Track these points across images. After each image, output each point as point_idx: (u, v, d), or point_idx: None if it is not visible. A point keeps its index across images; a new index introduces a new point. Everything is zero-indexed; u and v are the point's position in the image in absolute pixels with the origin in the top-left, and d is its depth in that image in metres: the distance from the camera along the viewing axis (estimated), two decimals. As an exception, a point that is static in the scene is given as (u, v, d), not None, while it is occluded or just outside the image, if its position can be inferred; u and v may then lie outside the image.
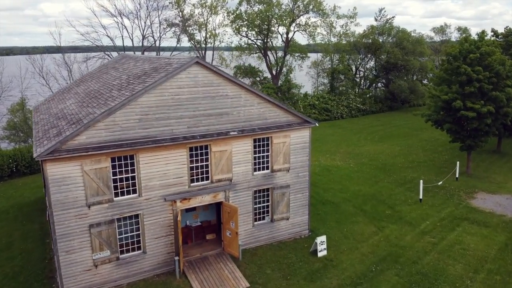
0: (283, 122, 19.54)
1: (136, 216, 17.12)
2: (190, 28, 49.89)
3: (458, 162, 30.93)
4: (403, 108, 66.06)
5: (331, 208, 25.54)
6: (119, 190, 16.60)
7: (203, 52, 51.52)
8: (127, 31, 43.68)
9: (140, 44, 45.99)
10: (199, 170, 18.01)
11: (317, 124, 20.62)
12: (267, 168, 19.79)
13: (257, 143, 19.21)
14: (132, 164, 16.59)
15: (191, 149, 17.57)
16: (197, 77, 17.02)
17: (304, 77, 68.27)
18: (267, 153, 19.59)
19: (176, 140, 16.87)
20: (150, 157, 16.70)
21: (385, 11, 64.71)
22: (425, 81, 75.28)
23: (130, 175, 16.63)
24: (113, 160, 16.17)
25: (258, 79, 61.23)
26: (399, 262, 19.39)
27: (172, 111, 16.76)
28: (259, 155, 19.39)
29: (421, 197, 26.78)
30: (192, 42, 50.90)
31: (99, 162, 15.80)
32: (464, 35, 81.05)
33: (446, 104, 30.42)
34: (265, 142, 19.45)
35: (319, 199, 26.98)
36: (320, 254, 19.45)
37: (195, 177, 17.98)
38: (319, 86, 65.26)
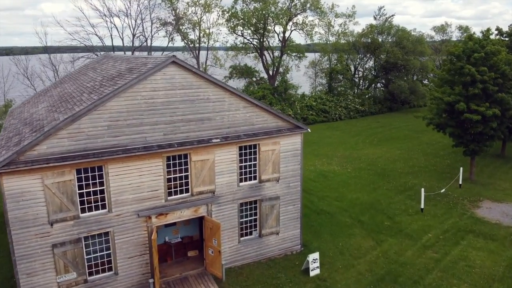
0: (272, 128, 17.74)
1: (106, 234, 15.32)
2: (184, 27, 48.09)
3: (461, 168, 29.13)
4: (403, 109, 64.25)
5: (326, 219, 23.73)
6: (86, 206, 14.80)
7: (197, 52, 49.72)
8: (117, 30, 42.17)
9: (131, 44, 44.21)
10: (178, 182, 16.20)
11: (308, 130, 18.83)
12: (255, 178, 17.99)
13: (243, 151, 17.41)
14: (101, 177, 14.79)
15: (168, 159, 15.76)
16: (174, 79, 15.22)
17: (302, 77, 66.49)
18: (255, 162, 17.79)
19: (150, 149, 15.06)
20: (120, 168, 14.90)
21: (384, 10, 62.92)
22: (425, 81, 73.61)
23: (98, 188, 14.83)
24: (78, 172, 14.37)
25: (254, 79, 59.42)
26: (398, 282, 17.59)
27: (146, 117, 14.96)
28: (245, 164, 17.59)
29: (422, 206, 24.98)
30: (186, 42, 49.10)
31: (63, 174, 14.00)
32: (465, 34, 79.30)
33: (448, 106, 28.63)
34: (252, 150, 17.65)
35: (314, 208, 25.18)
36: (312, 273, 17.65)
37: (173, 189, 16.17)
38: (316, 87, 63.45)
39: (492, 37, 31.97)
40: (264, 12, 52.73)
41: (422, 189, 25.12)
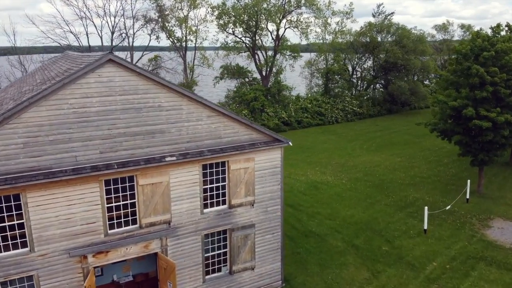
0: (244, 142, 14.41)
1: (29, 278, 12.02)
2: (169, 24, 44.81)
3: (468, 181, 25.73)
4: (403, 111, 60.87)
5: (315, 243, 20.40)
6: (0, 244, 11.53)
7: (184, 51, 46.41)
8: (95, 27, 38.75)
9: (112, 43, 40.93)
10: (121, 212, 12.89)
11: (290, 143, 15.49)
12: (224, 203, 14.66)
13: (208, 170, 14.08)
14: (18, 207, 11.49)
15: (107, 183, 12.43)
16: (113, 81, 11.90)
17: (298, 78, 63.15)
18: (223, 183, 14.46)
19: (81, 171, 11.74)
20: (43, 197, 11.59)
21: (383, 7, 59.35)
22: (426, 82, 70.25)
23: (15, 222, 11.54)
24: (-15, 202, 11.08)
25: (246, 80, 56.07)
26: (399, 330, 14.29)
27: (76, 131, 11.64)
28: (211, 186, 14.26)
29: (425, 227, 21.60)
30: (171, 40, 45.78)
31: (-37, 206, 10.71)
32: (468, 32, 75.92)
33: (454, 111, 25.29)
34: (220, 169, 14.32)
35: (302, 229, 21.84)
36: (293, 320, 14.37)
37: (115, 221, 12.85)
38: (312, 88, 60.09)
39: (502, 33, 28.60)
40: (256, 8, 49.41)
41: (426, 208, 21.74)
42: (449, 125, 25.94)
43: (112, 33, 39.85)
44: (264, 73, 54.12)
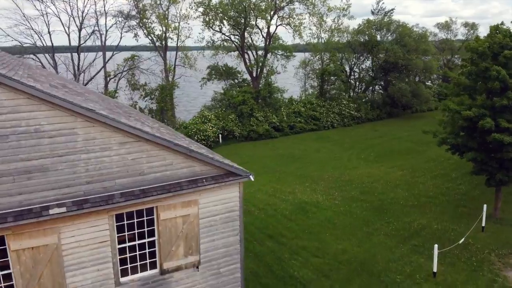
0: (183, 178, 9.86)
1: None
2: (148, 21, 40.25)
3: (485, 206, 21.17)
4: (404, 114, 56.23)
5: (294, 295, 15.85)
6: None
7: (163, 51, 41.83)
8: (62, 24, 33.95)
9: (79, 41, 36.28)
10: (-22, 295, 8.37)
11: (251, 178, 10.91)
12: (153, 267, 10.11)
13: (125, 222, 9.53)
14: None
15: None
16: None
17: (291, 79, 58.51)
18: (151, 239, 9.91)
19: None
20: None
21: (383, 3, 54.58)
22: (428, 83, 65.62)
23: None
24: None
25: (236, 81, 51.50)
26: None
27: None
28: (131, 244, 9.71)
29: (435, 269, 17.07)
30: (151, 38, 41.19)
31: None
32: (472, 31, 71.29)
33: (469, 122, 20.71)
34: (145, 219, 9.76)
35: (281, 273, 17.24)
36: None
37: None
38: (306, 90, 55.43)
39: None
40: (244, 4, 44.80)
41: (436, 247, 17.15)
42: (462, 139, 21.35)
43: (80, 30, 35.25)
44: (254, 74, 49.50)
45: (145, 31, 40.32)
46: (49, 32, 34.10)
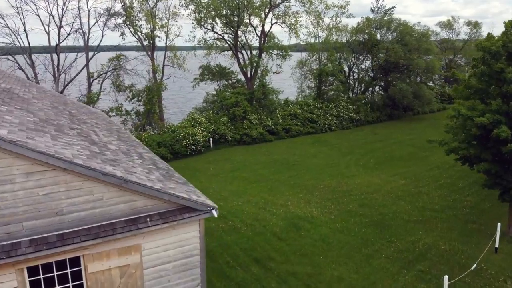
0: (119, 216, 7.37)
1: None
2: (135, 18, 37.71)
3: (499, 225, 18.67)
4: (405, 116, 53.70)
5: (280, 338, 13.34)
6: None
7: (151, 50, 39.29)
8: (41, 21, 31.32)
9: (58, 40, 33.73)
10: None
11: (215, 214, 8.40)
12: (81, 333, 7.62)
13: (41, 277, 7.03)
14: None
15: None
16: None
17: (287, 80, 56.00)
18: (79, 296, 7.43)
19: None
20: None
21: (383, 1, 51.86)
22: (430, 83, 63.09)
23: None
24: None
25: (230, 82, 49.00)
26: None
27: None
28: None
29: (446, 303, 14.59)
30: (138, 36, 38.63)
31: None
32: (475, 30, 68.76)
33: (482, 130, 18.21)
34: (69, 271, 7.27)
35: (264, 308, 14.76)
36: None
37: None
38: (303, 91, 52.86)
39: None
40: (237, 1, 42.30)
41: (446, 278, 14.65)
42: (474, 149, 18.85)
43: (59, 28, 32.67)
44: (249, 75, 46.99)
45: (131, 29, 37.82)
46: (25, 31, 31.52)
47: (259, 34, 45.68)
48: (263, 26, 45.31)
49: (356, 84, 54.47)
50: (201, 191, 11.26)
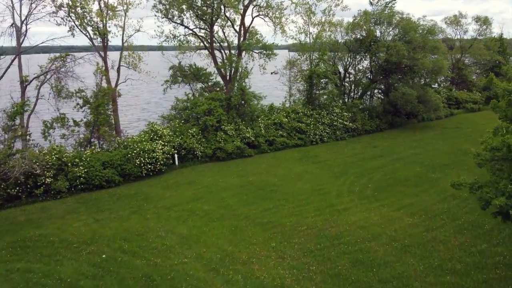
0: None
1: None
2: (82, 10, 30.67)
3: None
4: (408, 124, 46.90)
5: None
6: None
7: (104, 48, 32.22)
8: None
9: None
10: None
11: None
12: None
13: None
14: None
15: None
16: None
17: (272, 82, 48.97)
18: None
19: None
20: None
21: (384, -9, 44.59)
22: (435, 85, 56.22)
23: None
24: None
25: (205, 85, 42.00)
26: None
27: None
28: None
29: None
30: (89, 32, 31.62)
31: None
32: (485, 26, 61.81)
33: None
34: None
35: None
36: None
37: None
38: (292, 95, 45.85)
39: None
40: (210, -11, 35.39)
41: None
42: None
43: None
44: (228, 77, 40.08)
45: (76, 22, 30.85)
46: None
47: (237, 30, 38.73)
48: (242, 19, 38.39)
49: (353, 87, 47.50)
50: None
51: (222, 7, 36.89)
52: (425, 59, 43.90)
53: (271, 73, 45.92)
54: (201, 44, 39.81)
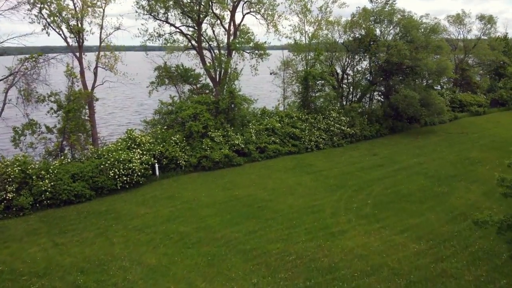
0: None
1: None
2: (53, 6, 27.58)
3: None
4: (410, 129, 43.87)
5: None
6: None
7: (79, 47, 29.16)
8: None
9: None
10: None
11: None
12: None
13: None
14: None
15: None
16: None
17: (269, 85, 45.93)
18: None
19: None
20: None
21: (384, -13, 41.43)
22: (437, 87, 53.12)
23: None
24: None
25: (194, 87, 38.98)
26: None
27: None
28: None
29: None
30: (63, 30, 28.53)
31: None
32: (489, 25, 58.72)
33: None
34: None
35: None
36: None
37: None
38: (286, 98, 42.74)
39: None
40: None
41: None
42: None
43: None
44: (218, 79, 37.05)
45: (48, 20, 27.77)
46: None
47: (226, 28, 35.69)
48: (231, 17, 35.32)
49: (351, 89, 44.43)
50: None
51: (210, 3, 33.83)
52: (428, 59, 40.85)
53: (270, 74, 42.83)
54: (187, 42, 36.74)
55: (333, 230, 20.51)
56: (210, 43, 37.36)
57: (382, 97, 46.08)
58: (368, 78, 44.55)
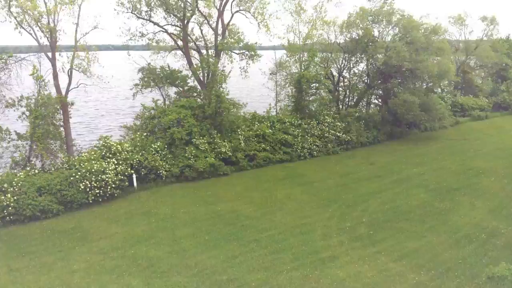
0: None
1: None
2: (23, 4, 25.16)
3: None
4: (410, 135, 41.48)
5: None
6: None
7: (52, 50, 26.70)
8: None
9: None
10: None
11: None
12: None
13: None
14: None
15: None
16: None
17: (261, 89, 43.53)
18: None
19: None
20: None
21: (382, -14, 38.95)
22: (437, 90, 50.77)
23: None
24: None
25: (181, 89, 36.56)
26: None
27: None
28: None
29: None
30: (33, 29, 26.09)
31: None
32: (492, 26, 56.34)
33: None
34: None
35: None
36: None
37: None
38: (279, 101, 40.33)
39: None
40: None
41: None
42: None
43: None
44: (205, 81, 34.68)
45: (17, 18, 25.33)
46: None
47: (213, 28, 33.29)
48: (219, 15, 32.92)
49: (347, 93, 42.03)
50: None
51: (197, 0, 31.43)
52: (429, 61, 38.48)
53: (270, 74, 40.40)
54: (171, 42, 34.36)
55: (323, 256, 18.13)
56: (198, 43, 35.05)
57: (380, 101, 43.67)
58: (366, 81, 42.16)
